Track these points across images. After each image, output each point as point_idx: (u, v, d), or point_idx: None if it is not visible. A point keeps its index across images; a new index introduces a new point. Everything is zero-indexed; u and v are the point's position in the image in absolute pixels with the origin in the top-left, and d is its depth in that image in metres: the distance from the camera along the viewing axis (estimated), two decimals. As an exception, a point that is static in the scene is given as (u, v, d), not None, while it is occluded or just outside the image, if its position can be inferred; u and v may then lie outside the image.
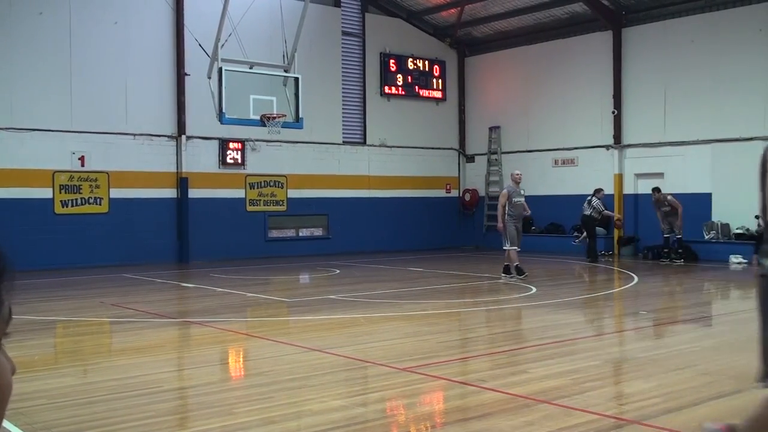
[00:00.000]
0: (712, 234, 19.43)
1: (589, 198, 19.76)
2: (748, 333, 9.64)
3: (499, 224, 15.23)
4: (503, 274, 15.30)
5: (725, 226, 19.37)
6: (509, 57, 24.80)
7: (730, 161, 19.42)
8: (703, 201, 19.62)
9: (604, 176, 21.87)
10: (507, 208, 15.06)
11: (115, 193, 19.39)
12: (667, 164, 20.52)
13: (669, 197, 18.79)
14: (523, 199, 15.50)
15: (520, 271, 15.10)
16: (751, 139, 19.04)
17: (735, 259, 18.42)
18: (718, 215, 19.58)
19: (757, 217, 18.34)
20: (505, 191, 15.40)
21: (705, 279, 16.06)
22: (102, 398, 6.26)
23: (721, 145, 19.60)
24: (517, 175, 15.83)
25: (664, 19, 20.91)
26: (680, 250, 18.85)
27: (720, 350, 8.32)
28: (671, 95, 20.70)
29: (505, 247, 15.29)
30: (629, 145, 21.73)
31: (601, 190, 19.91)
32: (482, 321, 10.87)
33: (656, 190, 18.99)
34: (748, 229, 18.91)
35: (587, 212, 19.70)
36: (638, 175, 21.48)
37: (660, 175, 20.49)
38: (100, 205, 19.26)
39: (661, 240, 19.39)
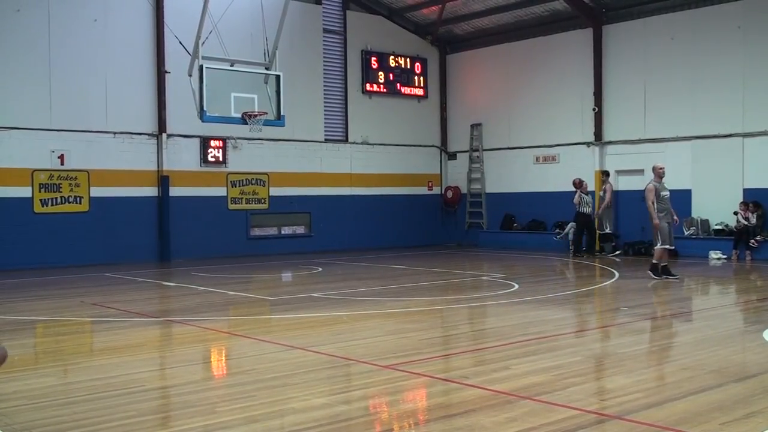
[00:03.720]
0: (692, 230, 19.59)
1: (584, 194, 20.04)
2: (728, 328, 9.74)
3: (655, 221, 14.06)
4: (664, 275, 14.40)
5: (705, 222, 19.53)
6: (490, 54, 24.86)
7: (709, 158, 19.58)
8: (683, 197, 19.75)
9: (585, 173, 21.95)
10: (656, 204, 14.17)
11: (96, 191, 19.25)
12: (647, 161, 20.54)
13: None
14: (668, 194, 14.54)
15: (667, 272, 14.38)
16: (729, 135, 19.22)
17: (714, 255, 18.58)
18: (697, 211, 19.74)
19: (735, 213, 18.53)
20: (651, 186, 14.25)
21: (685, 275, 16.15)
22: (83, 398, 6.22)
23: (701, 142, 19.75)
24: (661, 168, 14.69)
25: (644, 17, 21.04)
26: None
27: (700, 345, 8.39)
28: (651, 92, 20.84)
29: (658, 246, 14.35)
30: (610, 142, 21.85)
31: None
32: (465, 318, 10.90)
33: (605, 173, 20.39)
34: (727, 225, 19.09)
35: (586, 210, 20.00)
36: (619, 172, 21.61)
37: (640, 171, 20.62)
38: (80, 204, 19.12)
39: (640, 236, 19.70)
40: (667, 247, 14.44)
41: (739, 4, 19.11)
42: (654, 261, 14.54)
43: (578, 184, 20.14)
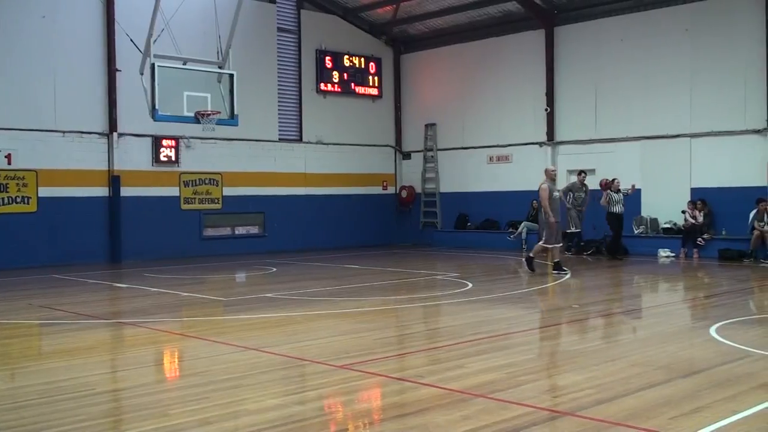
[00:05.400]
0: (641, 228, 19.96)
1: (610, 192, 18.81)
2: (676, 325, 9.95)
3: (552, 219, 14.87)
4: (554, 271, 15.15)
5: (654, 221, 19.89)
6: (444, 55, 25.00)
7: (658, 158, 19.97)
8: (633, 196, 20.04)
9: (538, 172, 22.18)
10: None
11: (44, 191, 18.87)
12: (598, 160, 20.96)
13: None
14: (559, 194, 15.45)
15: (559, 267, 15.20)
16: (677, 136, 19.62)
17: (663, 253, 18.93)
18: (647, 210, 20.10)
19: (683, 211, 18.91)
20: (545, 186, 15.01)
21: (634, 273, 16.46)
22: (31, 402, 6.10)
23: (650, 142, 20.13)
24: (553, 171, 15.81)
25: (595, 19, 21.35)
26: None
27: (649, 342, 8.56)
28: (602, 93, 21.17)
29: (543, 243, 15.26)
30: (562, 142, 22.14)
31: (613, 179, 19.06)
32: (419, 317, 10.95)
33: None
34: (675, 224, 19.48)
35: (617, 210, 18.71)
36: (570, 171, 21.88)
37: (592, 171, 20.93)
38: (27, 204, 18.72)
39: (592, 235, 20.00)
40: (555, 245, 15.23)
41: (687, 7, 19.52)
42: (531, 255, 15.50)
43: (606, 183, 19.06)
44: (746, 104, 18.53)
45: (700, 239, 18.57)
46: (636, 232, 19.96)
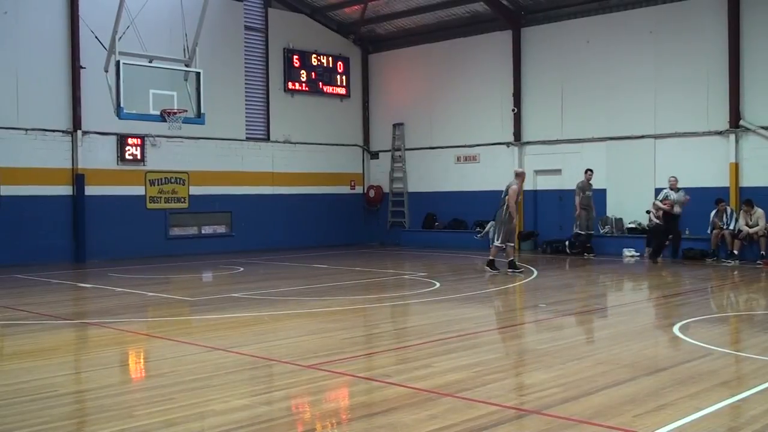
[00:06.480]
0: (607, 228, 20.17)
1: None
2: (641, 323, 10.07)
3: (515, 221, 15.59)
4: (510, 270, 15.31)
5: (619, 221, 20.12)
6: (412, 54, 25.05)
7: (623, 158, 20.19)
8: (599, 197, 20.29)
9: (505, 173, 22.33)
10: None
11: (6, 190, 18.55)
12: (564, 161, 21.15)
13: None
14: (520, 197, 16.11)
15: (492, 265, 15.59)
16: (642, 137, 19.85)
17: (628, 253, 19.13)
18: (612, 210, 20.31)
19: (648, 212, 19.14)
20: (516, 187, 15.46)
21: (600, 272, 16.63)
22: (-8, 405, 5.99)
23: (615, 143, 20.34)
24: (523, 172, 16.44)
25: (561, 20, 21.53)
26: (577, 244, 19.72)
27: (614, 340, 8.65)
28: (568, 94, 21.35)
29: (496, 243, 15.62)
30: (528, 142, 22.28)
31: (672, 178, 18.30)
32: (387, 317, 10.95)
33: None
34: (639, 224, 19.71)
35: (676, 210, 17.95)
36: (537, 172, 22.06)
37: (558, 171, 21.13)
38: (-11, 202, 18.42)
39: (558, 234, 20.12)
40: (509, 244, 15.58)
41: (651, 10, 19.77)
42: (510, 258, 15.55)
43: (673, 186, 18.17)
44: (709, 106, 18.80)
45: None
46: (602, 231, 20.16)
